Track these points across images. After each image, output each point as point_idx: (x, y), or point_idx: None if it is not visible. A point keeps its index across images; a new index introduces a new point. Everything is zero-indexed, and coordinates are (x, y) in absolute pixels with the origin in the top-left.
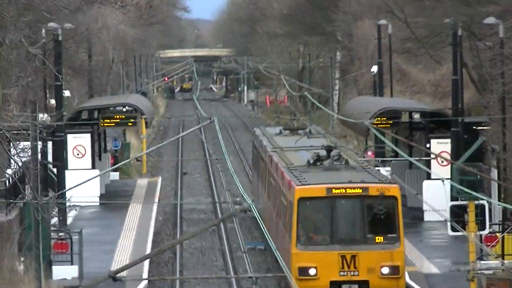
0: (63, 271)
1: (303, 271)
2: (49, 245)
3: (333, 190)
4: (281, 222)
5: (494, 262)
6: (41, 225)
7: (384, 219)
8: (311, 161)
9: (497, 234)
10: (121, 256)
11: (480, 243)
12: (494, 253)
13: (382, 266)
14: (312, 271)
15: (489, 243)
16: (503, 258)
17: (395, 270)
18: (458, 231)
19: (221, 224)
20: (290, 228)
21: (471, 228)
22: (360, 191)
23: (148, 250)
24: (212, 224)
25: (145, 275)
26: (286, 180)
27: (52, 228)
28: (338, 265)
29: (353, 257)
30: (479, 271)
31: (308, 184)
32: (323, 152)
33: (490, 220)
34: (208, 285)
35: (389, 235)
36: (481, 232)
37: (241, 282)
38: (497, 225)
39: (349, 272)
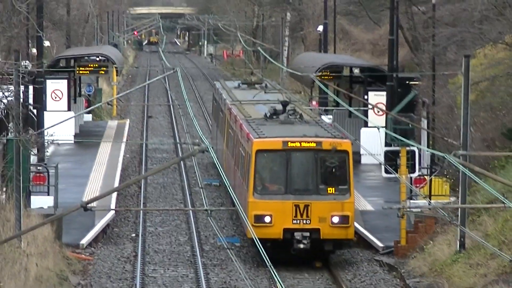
0: (41, 201)
1: (259, 218)
2: (28, 178)
3: (289, 143)
4: (239, 171)
5: (422, 202)
6: (21, 160)
7: (336, 171)
8: (268, 115)
9: (425, 177)
10: (92, 188)
11: (410, 185)
12: (422, 194)
13: (332, 216)
14: (267, 219)
15: (418, 185)
16: (430, 198)
17: (345, 219)
18: (391, 173)
19: (181, 163)
20: (247, 178)
21: (402, 171)
22: (314, 145)
23: (116, 184)
24: (173, 162)
25: (112, 206)
26: (245, 132)
27: (31, 163)
28: (292, 214)
29: (306, 206)
30: (408, 209)
31: (266, 137)
32: (279, 107)
33: (420, 164)
34: (169, 216)
35: (340, 187)
36: (411, 175)
37: (198, 214)
38: (426, 169)
39: (301, 221)
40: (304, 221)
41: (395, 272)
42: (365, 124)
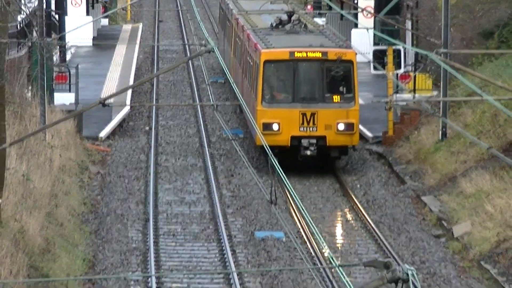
0: (63, 98)
1: (267, 126)
2: (51, 77)
3: (296, 53)
4: (247, 80)
5: (407, 96)
6: (45, 61)
7: (341, 80)
8: (274, 25)
9: (410, 73)
10: (109, 86)
11: (397, 80)
12: (408, 88)
13: (338, 123)
14: (275, 126)
15: (403, 80)
16: (414, 92)
17: (350, 126)
18: (379, 70)
19: (189, 62)
20: (256, 87)
21: (389, 68)
22: (320, 55)
23: (131, 82)
24: (182, 61)
25: (128, 102)
26: (252, 42)
27: (54, 63)
28: (299, 122)
29: (312, 114)
30: (395, 103)
31: (273, 48)
32: (284, 17)
33: (405, 61)
34: (179, 111)
35: (345, 95)
36: (398, 71)
37: (205, 109)
38: (410, 66)
39: (308, 128)
40: (311, 129)
41: (383, 160)
42: (355, 26)
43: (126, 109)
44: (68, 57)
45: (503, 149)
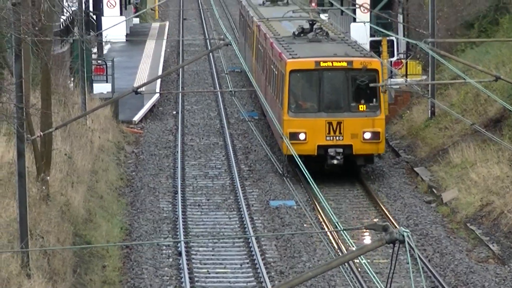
0: (101, 87)
1: (294, 135)
2: (91, 69)
3: (321, 63)
4: (271, 88)
5: (400, 80)
6: (85, 55)
7: (367, 89)
8: (296, 33)
9: (402, 60)
10: (141, 76)
11: (391, 66)
12: (400, 74)
13: (364, 132)
14: (301, 136)
15: (396, 67)
16: (406, 77)
17: (376, 135)
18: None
19: (210, 54)
20: (281, 97)
21: (384, 56)
22: (345, 64)
23: (160, 72)
24: (204, 54)
25: (157, 90)
26: (277, 51)
27: (92, 57)
28: (325, 131)
29: (339, 123)
30: (389, 86)
31: (299, 57)
32: (306, 25)
33: (397, 50)
34: (202, 97)
35: (371, 104)
36: (391, 59)
37: (224, 94)
38: (402, 54)
39: (334, 137)
40: (337, 138)
41: None
42: (354, 20)
43: (156, 96)
44: (105, 51)
45: (484, 125)
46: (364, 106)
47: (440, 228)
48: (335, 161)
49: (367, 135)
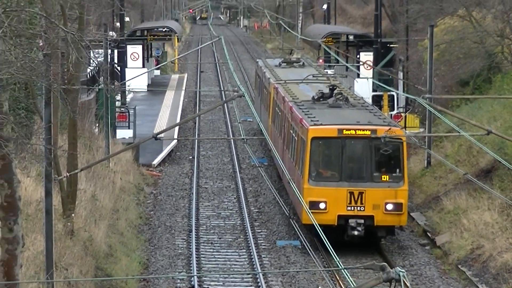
0: (123, 133)
1: (314, 204)
2: (114, 116)
3: (344, 131)
4: (289, 153)
5: None
6: (109, 103)
7: (390, 159)
8: (316, 97)
9: (402, 114)
10: (161, 123)
11: (391, 119)
12: (400, 126)
13: (386, 203)
14: (322, 205)
15: (396, 119)
16: (405, 129)
17: (398, 206)
18: None
19: (225, 105)
20: (302, 164)
21: (385, 109)
22: (369, 133)
23: (178, 120)
24: (219, 104)
25: (175, 136)
26: (297, 117)
27: (116, 105)
28: (346, 201)
29: (360, 193)
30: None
31: (321, 125)
32: (326, 90)
33: (397, 104)
34: (216, 143)
35: (394, 175)
36: (391, 112)
37: (236, 142)
38: (402, 108)
39: (356, 207)
40: (359, 208)
41: None
42: (358, 76)
43: (174, 142)
44: (127, 100)
45: (476, 174)
46: (387, 176)
47: (434, 268)
48: (355, 232)
49: (389, 206)
